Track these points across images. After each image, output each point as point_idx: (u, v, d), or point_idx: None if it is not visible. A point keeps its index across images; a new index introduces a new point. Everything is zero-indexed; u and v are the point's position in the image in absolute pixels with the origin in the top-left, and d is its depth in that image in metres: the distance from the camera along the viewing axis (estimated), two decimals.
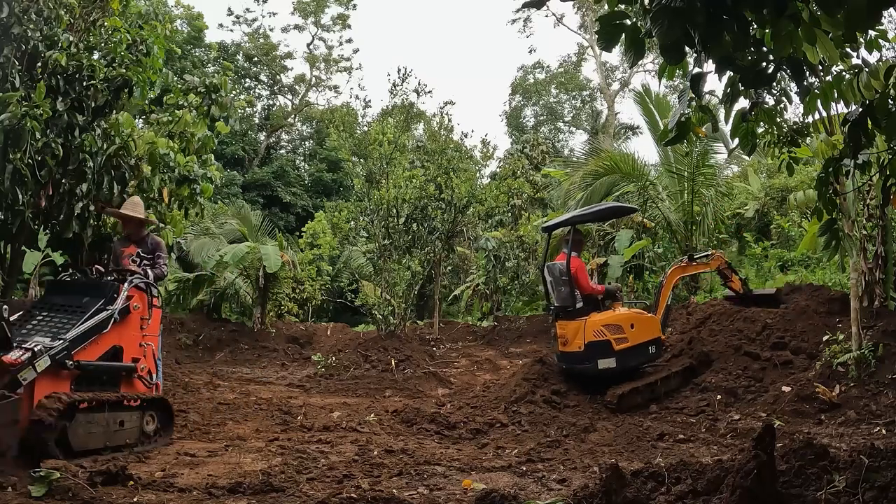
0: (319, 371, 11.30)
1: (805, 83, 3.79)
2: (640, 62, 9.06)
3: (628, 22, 3.24)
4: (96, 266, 6.83)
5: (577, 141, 41.39)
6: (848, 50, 3.77)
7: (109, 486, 4.56)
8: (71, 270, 6.96)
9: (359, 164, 16.15)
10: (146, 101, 9.30)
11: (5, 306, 5.13)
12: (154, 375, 6.50)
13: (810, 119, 5.03)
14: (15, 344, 5.20)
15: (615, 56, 39.13)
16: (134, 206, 7.36)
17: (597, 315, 8.25)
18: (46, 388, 5.29)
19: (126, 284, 6.24)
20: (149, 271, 6.80)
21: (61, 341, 5.44)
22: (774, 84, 4.11)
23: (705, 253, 10.16)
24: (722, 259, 9.83)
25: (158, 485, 4.76)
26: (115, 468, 4.75)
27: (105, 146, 8.25)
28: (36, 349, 5.23)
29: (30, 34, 7.48)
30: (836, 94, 3.99)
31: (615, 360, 8.06)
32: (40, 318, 5.88)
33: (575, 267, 8.37)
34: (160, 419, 6.30)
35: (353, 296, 21.08)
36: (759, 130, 4.65)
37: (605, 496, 3.53)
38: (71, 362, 5.47)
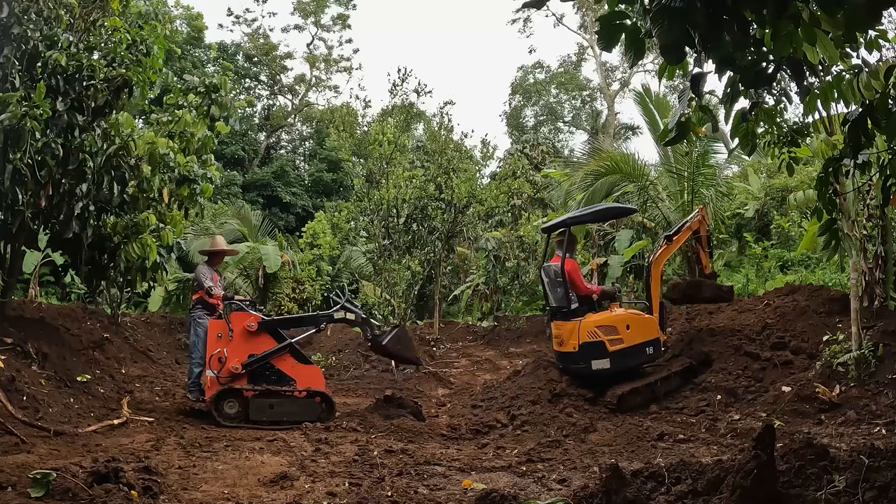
0: None
1: (805, 83, 3.79)
2: (640, 62, 9.04)
3: (628, 22, 3.24)
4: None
5: (577, 141, 41.36)
6: (848, 50, 3.76)
7: (108, 485, 4.56)
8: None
9: (359, 164, 16.20)
10: (146, 101, 9.30)
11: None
12: None
13: (810, 119, 5.04)
14: None
15: (615, 56, 39.06)
16: (224, 242, 9.38)
17: (592, 316, 8.24)
18: None
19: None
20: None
21: None
22: (774, 84, 4.11)
23: (683, 221, 9.36)
24: (704, 214, 9.09)
25: None
26: (114, 468, 4.74)
27: (105, 146, 8.25)
28: None
29: (30, 34, 7.48)
30: (836, 94, 3.99)
31: (609, 360, 8.04)
32: None
33: (569, 268, 8.36)
34: None
35: (353, 296, 21.06)
36: (759, 130, 4.66)
37: (605, 496, 3.54)
38: None
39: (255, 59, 36.15)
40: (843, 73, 3.97)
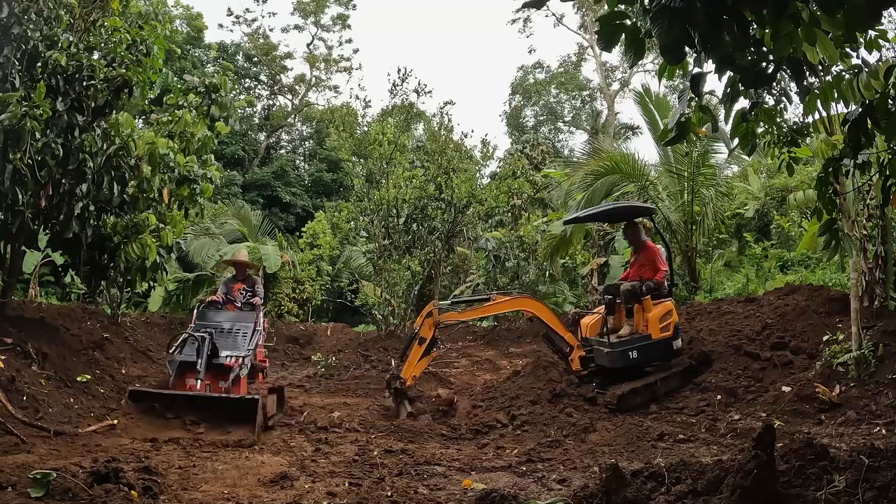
0: (319, 371, 11.29)
1: (805, 83, 3.79)
2: (640, 62, 9.04)
3: (628, 22, 3.24)
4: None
5: (577, 141, 41.32)
6: (848, 50, 3.76)
7: (108, 485, 4.56)
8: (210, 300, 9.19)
9: (359, 164, 16.18)
10: (146, 101, 9.30)
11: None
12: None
13: (810, 119, 5.03)
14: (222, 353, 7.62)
15: (615, 56, 39.01)
16: (244, 255, 10.48)
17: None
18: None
19: (259, 311, 8.97)
20: (258, 300, 9.36)
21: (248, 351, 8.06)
22: (774, 84, 4.11)
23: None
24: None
25: None
26: (114, 468, 4.74)
27: (105, 146, 8.25)
28: (241, 356, 7.76)
29: (30, 34, 7.48)
30: (836, 94, 3.99)
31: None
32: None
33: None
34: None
35: (353, 296, 21.06)
36: (759, 130, 4.65)
37: (605, 496, 3.54)
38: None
39: (255, 59, 36.14)
40: (843, 73, 3.97)
